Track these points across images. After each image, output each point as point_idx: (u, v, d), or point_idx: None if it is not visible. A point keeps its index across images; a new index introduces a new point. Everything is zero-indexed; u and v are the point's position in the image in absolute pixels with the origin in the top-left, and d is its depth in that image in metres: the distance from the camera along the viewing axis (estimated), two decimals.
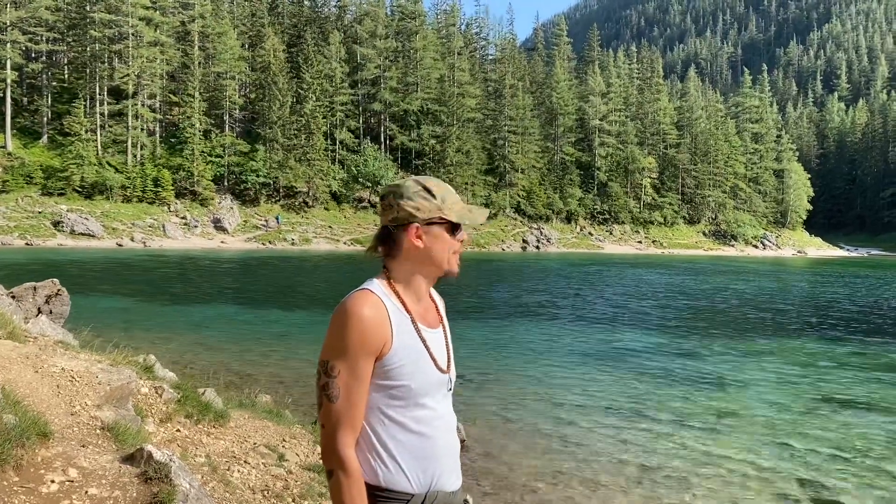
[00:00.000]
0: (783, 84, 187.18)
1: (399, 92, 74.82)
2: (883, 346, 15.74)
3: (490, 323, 17.83)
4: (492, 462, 6.83)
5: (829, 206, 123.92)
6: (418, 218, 1.91)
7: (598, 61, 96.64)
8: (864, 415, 9.40)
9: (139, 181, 56.19)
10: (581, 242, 74.55)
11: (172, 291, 23.28)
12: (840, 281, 39.50)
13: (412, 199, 1.92)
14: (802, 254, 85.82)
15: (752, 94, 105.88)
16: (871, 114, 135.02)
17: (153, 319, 16.23)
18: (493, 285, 29.37)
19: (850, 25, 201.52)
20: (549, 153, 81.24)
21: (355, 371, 1.81)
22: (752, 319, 20.92)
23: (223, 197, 60.32)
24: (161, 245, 49.94)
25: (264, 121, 63.68)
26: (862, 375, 12.23)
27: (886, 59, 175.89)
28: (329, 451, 1.82)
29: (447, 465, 1.92)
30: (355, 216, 65.14)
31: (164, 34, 63.12)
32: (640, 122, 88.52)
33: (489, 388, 10.18)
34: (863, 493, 6.42)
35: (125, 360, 6.28)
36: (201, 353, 12.13)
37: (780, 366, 12.99)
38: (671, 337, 16.41)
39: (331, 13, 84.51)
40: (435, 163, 70.91)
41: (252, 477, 4.89)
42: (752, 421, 8.90)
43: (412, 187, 1.93)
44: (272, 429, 6.21)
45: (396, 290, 1.92)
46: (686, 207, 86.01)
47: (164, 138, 62.11)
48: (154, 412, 5.58)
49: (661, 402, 9.73)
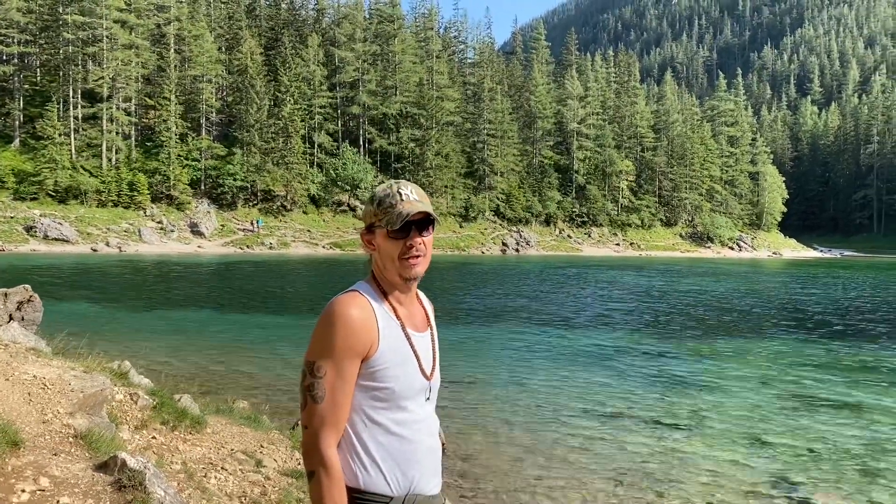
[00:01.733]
0: (758, 88, 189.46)
1: (378, 95, 74.72)
2: (855, 347, 15.96)
3: (470, 326, 17.83)
4: (472, 466, 6.82)
5: (803, 207, 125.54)
6: (364, 223, 1.98)
7: (575, 65, 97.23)
8: (836, 414, 9.52)
9: (114, 185, 55.52)
10: (560, 245, 74.87)
11: (148, 297, 23.03)
12: (814, 282, 40.03)
13: (364, 206, 2.01)
14: (777, 255, 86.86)
15: (727, 98, 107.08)
16: (842, 117, 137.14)
17: (129, 325, 16.03)
18: (473, 289, 29.39)
19: (822, 30, 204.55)
20: (527, 156, 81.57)
21: (341, 372, 1.81)
22: (728, 321, 21.13)
23: (200, 201, 59.80)
24: (137, 250, 49.38)
25: (241, 124, 63.23)
26: (835, 375, 12.39)
27: (857, 63, 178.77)
28: (312, 451, 1.82)
29: (427, 468, 1.93)
30: (334, 220, 64.87)
31: (140, 37, 62.47)
32: (617, 125, 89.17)
33: (470, 392, 10.17)
34: (836, 491, 6.49)
35: (99, 367, 6.19)
36: (178, 358, 11.99)
37: (755, 366, 13.12)
38: (648, 338, 16.51)
39: (308, 16, 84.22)
40: (414, 166, 70.85)
41: (229, 483, 4.84)
42: (727, 421, 8.98)
43: (374, 195, 1.96)
44: (250, 435, 6.16)
45: (384, 293, 1.93)
46: (663, 210, 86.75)
47: (140, 142, 61.45)
48: (129, 419, 5.50)
49: (638, 403, 9.78)
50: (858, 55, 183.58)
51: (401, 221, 1.89)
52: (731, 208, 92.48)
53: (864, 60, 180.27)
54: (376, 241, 1.94)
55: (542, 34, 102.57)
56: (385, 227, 1.91)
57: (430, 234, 1.95)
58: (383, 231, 1.92)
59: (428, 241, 1.94)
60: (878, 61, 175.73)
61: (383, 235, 1.92)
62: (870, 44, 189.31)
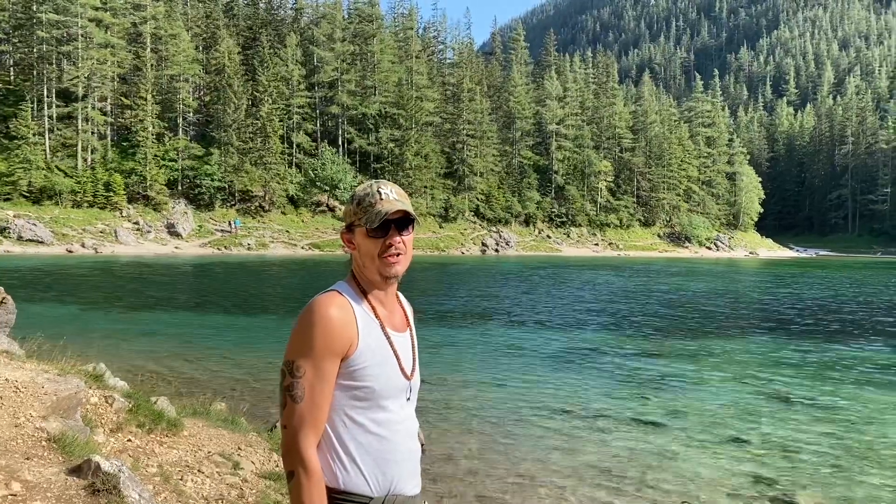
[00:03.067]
0: (734, 89, 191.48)
1: (357, 95, 74.52)
2: (829, 346, 16.18)
3: (450, 327, 17.83)
4: (451, 466, 6.81)
5: (779, 207, 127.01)
6: (345, 222, 1.98)
7: (554, 66, 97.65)
8: (812, 412, 9.63)
9: (90, 186, 54.85)
10: (539, 245, 75.14)
11: (125, 298, 22.77)
12: (789, 282, 40.53)
13: (345, 205, 2.01)
14: (754, 255, 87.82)
15: (704, 99, 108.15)
16: (818, 118, 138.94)
17: (104, 327, 15.84)
18: (452, 289, 29.40)
19: (797, 32, 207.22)
20: (507, 157, 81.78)
21: (321, 372, 1.80)
22: (704, 321, 21.32)
23: (177, 201, 59.25)
24: (113, 251, 48.83)
25: (219, 124, 62.75)
26: (810, 374, 12.55)
27: (832, 65, 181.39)
28: (291, 451, 1.81)
29: (407, 469, 1.93)
30: (313, 220, 64.59)
31: (115, 35, 61.77)
32: (595, 126, 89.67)
33: (450, 393, 10.16)
34: (812, 488, 6.56)
35: (73, 370, 6.11)
36: (155, 360, 11.87)
37: (731, 365, 13.25)
38: (625, 338, 16.62)
39: (287, 15, 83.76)
40: (394, 166, 70.73)
41: (206, 486, 4.79)
42: (704, 420, 9.05)
43: (355, 194, 1.97)
44: (227, 437, 6.10)
45: (364, 293, 1.93)
46: (641, 210, 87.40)
47: (116, 142, 60.75)
48: (104, 422, 5.43)
49: (616, 403, 9.83)
50: (833, 57, 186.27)
51: (379, 220, 1.89)
52: (708, 208, 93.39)
53: (839, 62, 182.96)
54: (356, 240, 1.94)
55: (521, 35, 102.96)
56: (364, 226, 1.91)
57: (409, 234, 1.95)
58: (363, 230, 1.92)
59: (407, 240, 1.95)
60: (851, 63, 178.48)
61: (363, 234, 1.92)
62: (844, 46, 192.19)
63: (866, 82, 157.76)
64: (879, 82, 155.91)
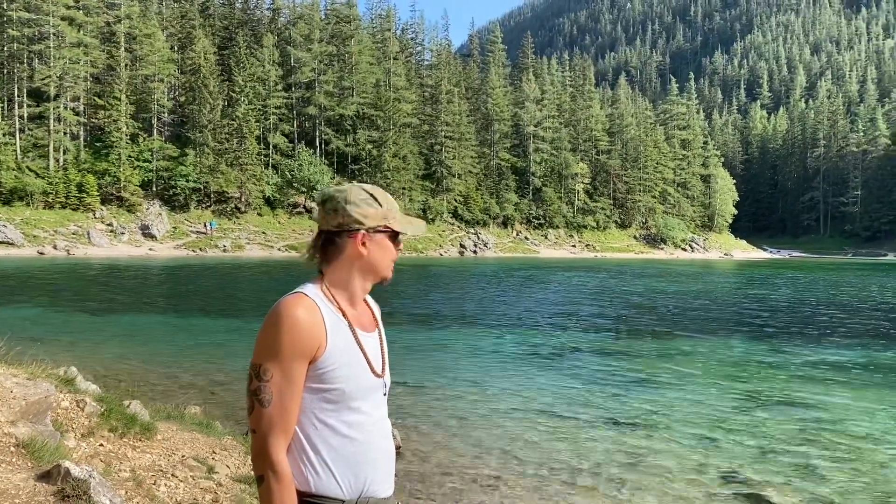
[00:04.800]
0: (709, 92, 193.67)
1: (334, 96, 74.27)
2: (800, 345, 16.41)
3: (427, 328, 17.81)
4: (427, 467, 6.80)
5: (753, 209, 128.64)
6: (365, 225, 1.90)
7: (532, 68, 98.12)
8: (784, 411, 9.76)
9: (62, 187, 54.08)
10: (517, 247, 75.40)
11: (98, 301, 22.47)
12: (763, 283, 41.05)
13: (359, 206, 1.91)
14: (729, 256, 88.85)
15: (679, 102, 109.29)
16: (790, 121, 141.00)
17: (76, 330, 15.62)
18: (430, 291, 29.39)
19: (770, 37, 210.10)
20: (485, 158, 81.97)
21: (288, 374, 1.78)
22: (680, 320, 21.51)
23: (151, 203, 58.63)
24: (86, 253, 48.18)
25: (194, 124, 62.21)
26: (782, 373, 12.71)
27: (804, 69, 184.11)
28: (260, 456, 1.79)
29: (380, 470, 1.91)
30: (290, 222, 64.24)
31: (89, 35, 61.01)
32: (572, 128, 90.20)
33: (425, 394, 10.15)
34: (783, 486, 6.65)
35: (44, 373, 6.01)
36: (128, 364, 11.73)
37: (706, 365, 13.39)
38: (601, 339, 16.72)
39: (264, 16, 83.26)
40: (372, 168, 70.59)
41: (180, 491, 4.74)
42: (679, 419, 9.13)
43: (359, 194, 1.92)
44: (202, 440, 6.05)
45: (332, 294, 1.90)
46: (618, 212, 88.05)
47: (89, 142, 59.96)
48: (75, 426, 5.36)
49: (592, 403, 9.89)
50: (805, 61, 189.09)
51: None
52: (683, 210, 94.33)
53: (811, 66, 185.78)
54: (373, 244, 1.93)
55: (499, 37, 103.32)
56: (394, 231, 1.95)
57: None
58: (387, 235, 1.95)
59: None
60: (823, 67, 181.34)
61: (387, 238, 1.95)
62: (815, 50, 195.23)
63: (837, 86, 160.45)
64: (850, 86, 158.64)
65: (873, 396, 10.81)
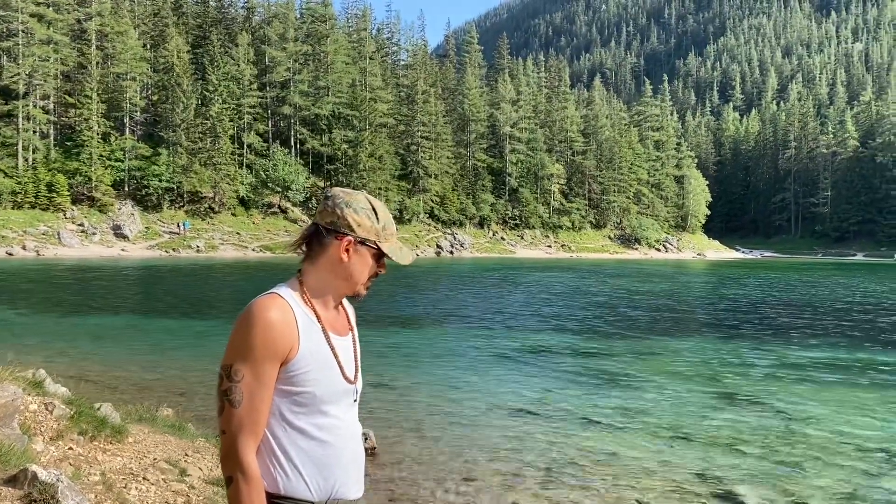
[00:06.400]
0: (682, 94, 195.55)
1: (309, 96, 73.84)
2: (771, 344, 16.64)
3: (402, 329, 17.79)
4: (403, 468, 6.79)
5: (725, 210, 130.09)
6: (356, 232, 1.89)
7: (508, 69, 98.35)
8: (754, 408, 9.89)
9: (31, 186, 53.17)
10: (494, 247, 75.59)
11: (68, 302, 22.13)
12: (735, 282, 41.56)
13: (357, 213, 1.90)
14: (702, 256, 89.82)
15: (653, 103, 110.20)
16: (762, 123, 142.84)
17: (46, 332, 15.36)
18: (406, 292, 29.35)
19: (742, 39, 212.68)
20: (461, 159, 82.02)
21: (259, 376, 1.77)
22: (653, 320, 21.71)
23: (123, 203, 57.84)
24: (56, 254, 47.43)
25: (167, 124, 61.50)
26: (753, 371, 12.88)
27: (776, 71, 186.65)
28: (229, 456, 1.78)
29: (350, 473, 1.90)
30: (264, 222, 63.76)
31: (59, 32, 60.04)
32: (548, 129, 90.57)
33: (400, 395, 10.14)
34: (756, 483, 6.73)
35: (11, 376, 5.91)
36: (99, 366, 11.57)
37: (677, 363, 13.52)
38: (576, 338, 16.82)
39: (238, 14, 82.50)
40: (347, 168, 70.30)
41: (151, 494, 4.69)
42: (652, 417, 9.21)
43: (362, 202, 1.92)
44: (174, 443, 5.98)
45: (306, 296, 1.89)
46: (593, 212, 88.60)
47: (60, 141, 59.00)
48: (44, 430, 5.27)
49: (567, 403, 9.94)
50: (776, 64, 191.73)
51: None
52: (657, 211, 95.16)
53: (782, 69, 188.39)
54: (356, 256, 1.91)
55: (475, 38, 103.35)
56: (379, 251, 1.92)
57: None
58: (373, 251, 1.92)
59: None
60: (794, 70, 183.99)
61: (371, 255, 1.92)
62: (787, 53, 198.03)
63: (808, 89, 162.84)
64: (820, 89, 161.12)
65: (841, 394, 11.00)
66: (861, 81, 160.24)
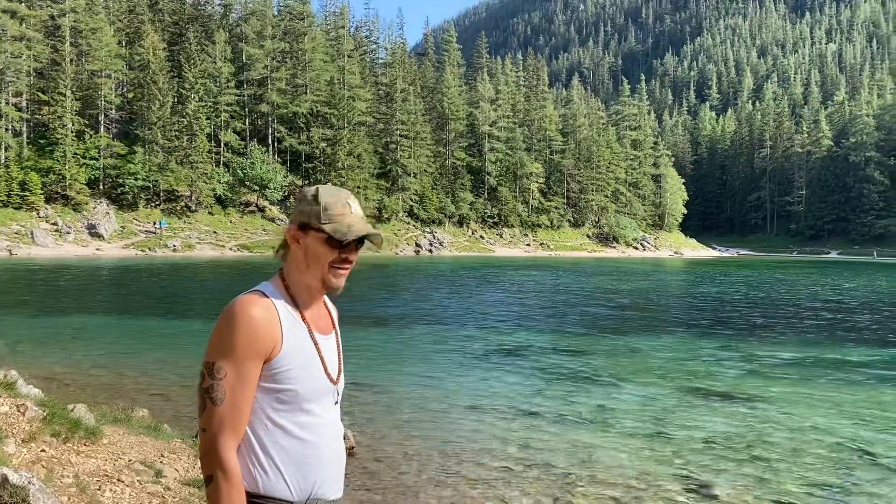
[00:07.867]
0: (660, 93, 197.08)
1: (287, 94, 73.42)
2: (747, 341, 16.82)
3: (382, 327, 17.75)
4: (381, 467, 6.77)
5: (702, 209, 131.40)
6: (299, 221, 1.88)
7: (486, 68, 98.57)
8: (731, 405, 9.98)
9: (3, 185, 52.33)
10: (473, 245, 75.71)
11: (42, 303, 21.81)
12: (712, 280, 41.98)
13: (300, 202, 1.91)
14: (679, 254, 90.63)
15: (631, 103, 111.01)
16: (738, 122, 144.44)
17: (19, 333, 15.13)
18: (386, 290, 29.30)
19: (719, 39, 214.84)
20: (441, 158, 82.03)
21: (242, 374, 1.76)
22: (631, 317, 21.86)
23: (98, 201, 57.13)
24: (29, 253, 46.73)
25: (143, 121, 60.82)
26: (729, 368, 13.01)
27: (751, 71, 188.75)
28: (209, 455, 1.76)
29: (330, 473, 1.90)
30: (242, 221, 63.32)
31: (31, 28, 59.13)
32: (527, 128, 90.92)
33: (381, 394, 10.11)
34: (732, 480, 6.80)
35: None
36: (73, 367, 11.40)
37: (655, 361, 13.62)
38: (554, 336, 16.88)
39: (215, 11, 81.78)
40: (326, 166, 70.01)
41: (126, 496, 4.63)
42: (629, 416, 9.27)
43: (307, 193, 1.91)
44: (150, 444, 5.92)
45: (289, 294, 1.88)
46: (571, 211, 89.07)
47: (33, 139, 58.13)
48: (16, 432, 5.19)
49: (545, 401, 9.97)
50: (752, 64, 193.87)
51: (353, 236, 1.85)
52: (634, 209, 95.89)
53: (758, 69, 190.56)
54: (307, 241, 1.88)
55: (454, 36, 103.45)
56: (328, 233, 1.85)
57: (361, 248, 1.94)
58: (321, 235, 1.86)
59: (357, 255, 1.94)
60: (769, 70, 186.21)
61: (319, 239, 1.86)
62: (762, 53, 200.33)
63: (783, 89, 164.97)
64: (795, 89, 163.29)
65: (815, 391, 11.14)
66: (835, 81, 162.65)
